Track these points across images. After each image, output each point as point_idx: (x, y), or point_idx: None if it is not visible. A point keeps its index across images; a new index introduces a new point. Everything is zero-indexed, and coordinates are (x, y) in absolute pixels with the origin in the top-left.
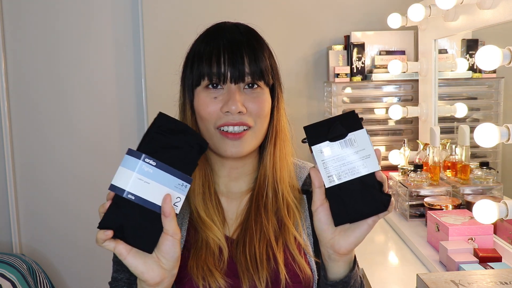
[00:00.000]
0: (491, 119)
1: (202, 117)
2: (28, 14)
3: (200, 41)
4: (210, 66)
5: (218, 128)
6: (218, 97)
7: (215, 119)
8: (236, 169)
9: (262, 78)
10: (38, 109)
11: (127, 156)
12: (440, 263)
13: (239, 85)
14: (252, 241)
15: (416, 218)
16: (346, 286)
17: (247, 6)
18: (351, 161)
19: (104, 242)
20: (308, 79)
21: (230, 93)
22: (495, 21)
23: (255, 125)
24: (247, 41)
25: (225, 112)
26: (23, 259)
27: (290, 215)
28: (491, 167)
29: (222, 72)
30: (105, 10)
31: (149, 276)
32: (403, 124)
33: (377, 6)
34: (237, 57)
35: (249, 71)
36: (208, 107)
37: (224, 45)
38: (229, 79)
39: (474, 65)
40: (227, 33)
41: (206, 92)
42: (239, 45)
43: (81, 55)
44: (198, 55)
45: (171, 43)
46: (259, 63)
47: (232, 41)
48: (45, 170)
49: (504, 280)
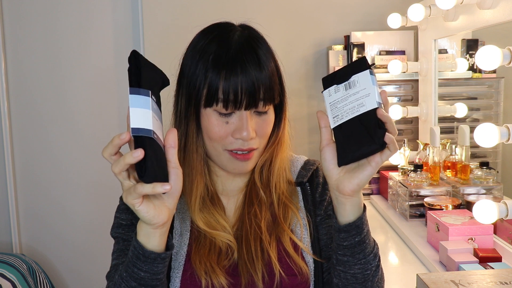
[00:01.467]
0: (491, 119)
1: (211, 138)
2: (28, 14)
3: (212, 46)
4: (227, 94)
5: (227, 150)
6: (230, 121)
7: (226, 143)
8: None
9: (272, 102)
10: (38, 109)
11: (137, 96)
12: (440, 263)
13: (251, 110)
14: (247, 236)
15: (416, 218)
16: (360, 232)
17: (247, 6)
18: (352, 101)
19: (121, 173)
20: (308, 79)
21: (242, 119)
22: (495, 21)
23: (260, 146)
24: (263, 63)
25: (236, 138)
26: (23, 259)
27: (286, 214)
28: (491, 167)
29: (239, 100)
30: (105, 9)
31: (160, 218)
32: (403, 124)
33: (377, 6)
34: (254, 85)
35: (262, 97)
36: (220, 131)
37: (242, 69)
38: (244, 107)
39: (474, 65)
40: (243, 53)
41: (217, 115)
42: (258, 71)
43: (81, 54)
44: (212, 74)
45: (171, 42)
46: (272, 87)
47: (249, 64)
48: (45, 170)
49: (504, 280)
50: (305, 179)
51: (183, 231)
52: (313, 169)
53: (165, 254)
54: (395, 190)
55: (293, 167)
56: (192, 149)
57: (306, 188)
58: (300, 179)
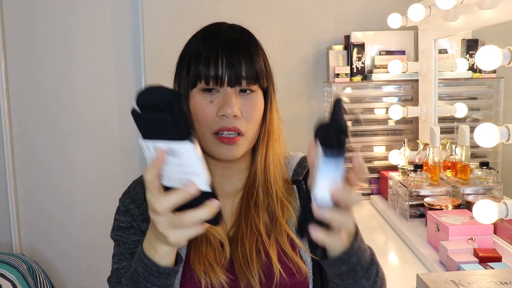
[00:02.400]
0: (491, 119)
1: (198, 120)
2: (28, 14)
3: (196, 41)
4: (207, 68)
5: (214, 134)
6: (214, 101)
7: (212, 123)
8: (229, 168)
9: (257, 82)
10: (38, 109)
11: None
12: (440, 263)
13: (235, 89)
14: (243, 238)
15: (416, 218)
16: (347, 263)
17: (247, 6)
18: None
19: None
20: (308, 79)
21: (226, 96)
22: (495, 21)
23: (247, 132)
24: (244, 43)
25: (221, 116)
26: (23, 259)
27: (284, 212)
28: (491, 167)
29: (220, 74)
30: (105, 10)
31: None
32: (403, 124)
33: (377, 6)
34: (234, 59)
35: (245, 74)
36: (204, 110)
37: (221, 47)
38: (226, 82)
39: (474, 65)
40: (224, 34)
41: (202, 95)
42: (237, 48)
43: (81, 55)
44: (196, 55)
45: (171, 43)
46: (255, 66)
47: (230, 43)
48: (45, 170)
49: (504, 280)
50: (300, 177)
51: None
52: (308, 166)
53: (177, 267)
54: (395, 190)
55: (289, 164)
56: None
57: (301, 186)
58: (296, 177)
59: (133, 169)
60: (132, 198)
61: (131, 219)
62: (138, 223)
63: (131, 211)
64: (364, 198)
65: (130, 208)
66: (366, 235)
